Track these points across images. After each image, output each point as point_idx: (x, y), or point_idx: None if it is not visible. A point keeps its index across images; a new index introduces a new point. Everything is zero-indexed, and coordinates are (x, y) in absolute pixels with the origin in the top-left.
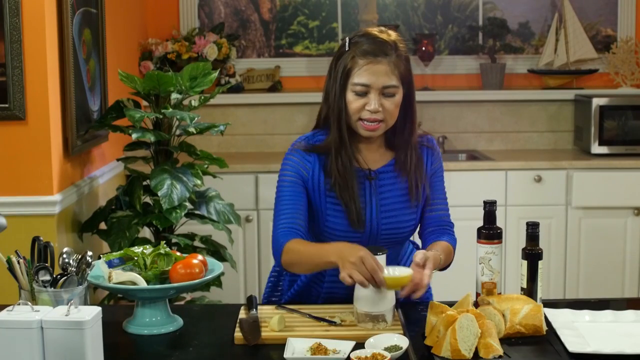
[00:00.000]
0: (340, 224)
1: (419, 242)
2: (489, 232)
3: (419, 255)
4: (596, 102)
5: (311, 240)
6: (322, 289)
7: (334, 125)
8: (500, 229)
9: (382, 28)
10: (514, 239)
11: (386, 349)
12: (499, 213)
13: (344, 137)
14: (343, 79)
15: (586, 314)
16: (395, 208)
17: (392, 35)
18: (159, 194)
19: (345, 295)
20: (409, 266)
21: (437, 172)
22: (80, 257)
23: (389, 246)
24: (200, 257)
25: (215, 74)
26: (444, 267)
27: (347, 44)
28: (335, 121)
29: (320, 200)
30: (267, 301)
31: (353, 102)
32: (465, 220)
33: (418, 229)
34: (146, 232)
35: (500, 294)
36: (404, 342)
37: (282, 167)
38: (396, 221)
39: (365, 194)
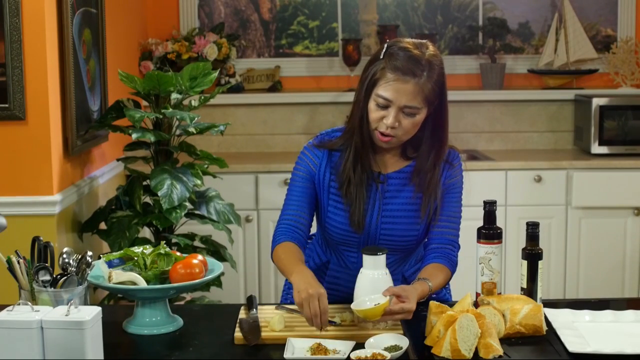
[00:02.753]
0: (340, 222)
1: None
2: (489, 232)
3: (397, 290)
4: (596, 102)
5: (320, 232)
6: (326, 278)
7: (357, 129)
8: (500, 229)
9: (423, 42)
10: (514, 239)
11: (386, 349)
12: (499, 213)
13: (366, 142)
14: (369, 87)
15: (586, 314)
16: (398, 216)
17: (428, 52)
18: (159, 194)
19: (344, 298)
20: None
21: (452, 187)
22: (80, 257)
23: (390, 255)
24: (200, 257)
25: (215, 74)
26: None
27: (383, 51)
28: (358, 124)
29: (323, 196)
30: (286, 302)
31: (373, 111)
32: (465, 220)
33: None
34: (146, 232)
35: (500, 294)
36: (404, 342)
37: (296, 161)
38: (396, 229)
39: (371, 196)
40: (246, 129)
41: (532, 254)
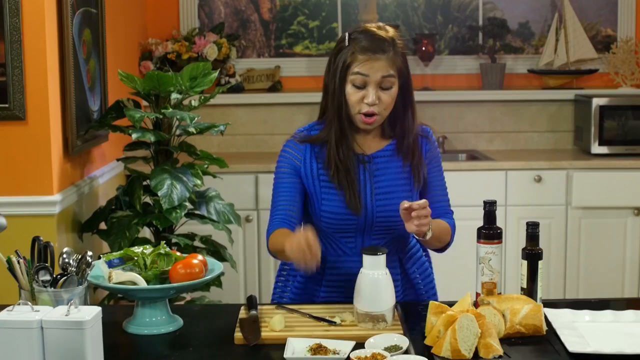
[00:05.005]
0: (337, 206)
1: None
2: (489, 232)
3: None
4: (596, 102)
5: (314, 226)
6: (320, 292)
7: (335, 117)
8: (500, 229)
9: (381, 24)
10: (514, 239)
11: (386, 349)
12: (499, 213)
13: (345, 128)
14: (342, 73)
15: (586, 314)
16: (390, 192)
17: (390, 31)
18: (159, 194)
19: (345, 282)
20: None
21: (434, 161)
22: (80, 257)
23: (388, 234)
24: (200, 257)
25: (215, 74)
26: (442, 248)
27: (346, 39)
28: (336, 113)
29: (315, 186)
30: (277, 302)
31: (352, 95)
32: (465, 220)
33: None
34: (146, 232)
35: (500, 294)
36: (404, 342)
37: (277, 160)
38: (391, 204)
39: (360, 178)
40: (246, 129)
41: (532, 254)
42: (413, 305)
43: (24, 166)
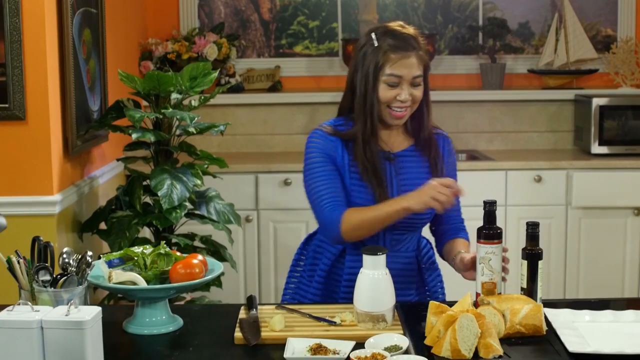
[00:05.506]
0: (365, 200)
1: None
2: (489, 232)
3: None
4: (596, 102)
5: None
6: (341, 288)
7: (367, 116)
8: (500, 228)
9: (401, 23)
10: (514, 239)
11: (386, 349)
12: (499, 213)
13: (375, 127)
14: (375, 74)
15: (586, 314)
16: (415, 188)
17: (411, 30)
18: (159, 194)
19: None
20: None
21: (451, 166)
22: (80, 257)
23: (410, 231)
24: (200, 257)
25: (215, 74)
26: None
27: (374, 39)
28: (368, 113)
29: (345, 177)
30: (288, 302)
31: (385, 93)
32: (465, 220)
33: (429, 225)
34: (146, 232)
35: (500, 294)
36: (404, 342)
37: (308, 152)
38: None
39: (387, 174)
40: (246, 129)
41: (532, 254)
42: (413, 305)
43: (24, 166)
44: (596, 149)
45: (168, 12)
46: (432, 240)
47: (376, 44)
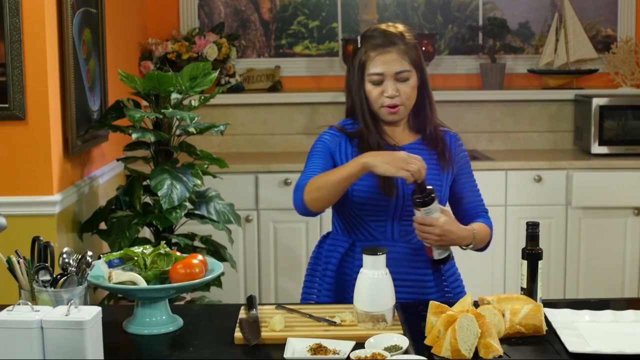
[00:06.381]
0: (369, 186)
1: None
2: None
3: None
4: (596, 102)
5: (338, 218)
6: (352, 277)
7: (364, 115)
8: (433, 191)
9: (390, 23)
10: (514, 239)
11: (386, 349)
12: (499, 213)
13: (369, 124)
14: (360, 73)
15: (586, 314)
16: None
17: (399, 27)
18: (159, 194)
19: None
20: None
21: (463, 161)
22: (80, 257)
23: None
24: (200, 257)
25: (215, 74)
26: (482, 248)
27: (359, 41)
28: (360, 111)
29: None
30: (305, 302)
31: (372, 91)
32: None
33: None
34: (146, 232)
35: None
36: (404, 342)
37: (313, 145)
38: None
39: None
40: (246, 129)
41: (532, 254)
42: (413, 305)
43: (24, 166)
44: (596, 149)
45: (168, 12)
46: None
47: (359, 45)
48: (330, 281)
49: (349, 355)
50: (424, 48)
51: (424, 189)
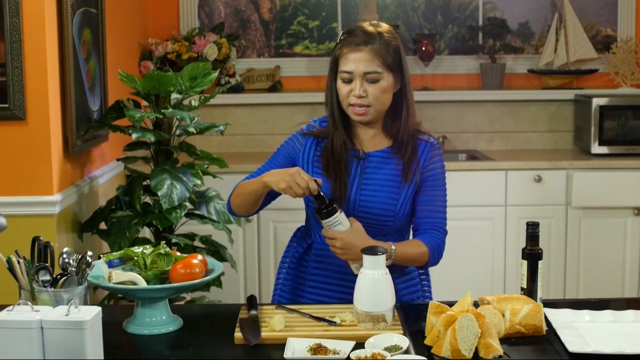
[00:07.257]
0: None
1: None
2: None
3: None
4: (596, 102)
5: (307, 214)
6: (305, 293)
7: (332, 112)
8: (334, 203)
9: (376, 22)
10: (514, 239)
11: (386, 349)
12: (500, 213)
13: (337, 121)
14: (333, 69)
15: (586, 314)
16: (377, 190)
17: (382, 27)
18: (159, 194)
19: (331, 265)
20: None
21: (432, 173)
22: (80, 257)
23: (369, 231)
24: (200, 257)
25: (215, 74)
26: (422, 266)
27: (339, 37)
28: (329, 107)
29: (308, 170)
30: (277, 301)
31: (342, 88)
32: (465, 220)
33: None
34: (146, 232)
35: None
36: (404, 342)
37: (282, 143)
38: (375, 201)
39: (352, 172)
40: (246, 129)
41: (532, 254)
42: (413, 305)
43: (24, 166)
44: (596, 149)
45: (168, 12)
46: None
47: (338, 41)
48: (288, 277)
49: (349, 355)
50: (423, 48)
51: (323, 201)
